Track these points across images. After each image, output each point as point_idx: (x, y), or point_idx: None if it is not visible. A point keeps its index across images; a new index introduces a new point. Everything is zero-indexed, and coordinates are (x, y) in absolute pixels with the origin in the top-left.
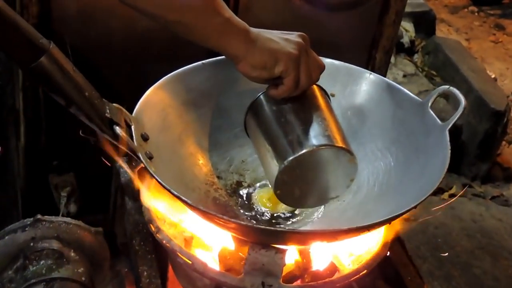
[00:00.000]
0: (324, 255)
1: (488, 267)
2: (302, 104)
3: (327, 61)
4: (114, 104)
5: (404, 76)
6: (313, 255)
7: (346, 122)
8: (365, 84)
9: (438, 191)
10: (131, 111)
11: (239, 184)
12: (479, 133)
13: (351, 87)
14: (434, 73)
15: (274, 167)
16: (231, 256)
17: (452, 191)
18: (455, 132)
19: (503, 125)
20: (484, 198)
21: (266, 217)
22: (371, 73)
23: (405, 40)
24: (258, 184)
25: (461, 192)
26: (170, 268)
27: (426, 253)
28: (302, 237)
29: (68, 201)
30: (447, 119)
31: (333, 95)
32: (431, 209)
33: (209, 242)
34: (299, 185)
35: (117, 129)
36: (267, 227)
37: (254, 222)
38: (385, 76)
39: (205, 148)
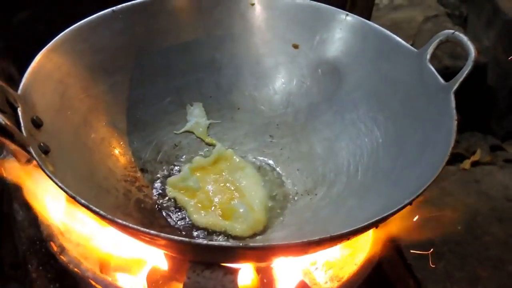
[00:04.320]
0: (292, 271)
1: None
2: None
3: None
4: None
5: None
6: (277, 272)
7: (316, 83)
8: (340, 29)
9: (456, 158)
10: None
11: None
12: None
13: (322, 35)
14: None
15: None
16: (164, 279)
17: (476, 157)
18: (477, 74)
19: None
20: None
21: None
22: (348, 14)
23: None
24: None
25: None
26: None
27: (442, 247)
28: (258, 253)
29: None
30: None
31: (296, 47)
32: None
33: (133, 261)
34: None
35: None
36: (210, 243)
37: (193, 232)
38: (371, 11)
39: (122, 131)
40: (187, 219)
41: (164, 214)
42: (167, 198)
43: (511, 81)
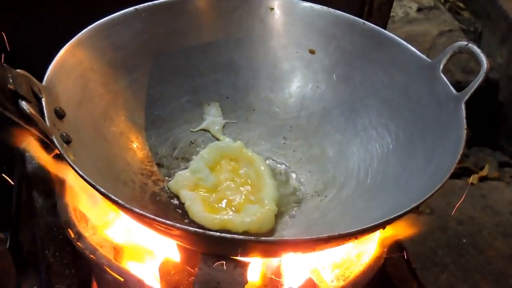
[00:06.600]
0: (299, 268)
1: None
2: None
3: (305, 5)
4: (18, 71)
5: (419, 10)
6: (285, 268)
7: (331, 88)
8: (357, 37)
9: (464, 172)
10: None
11: None
12: None
13: (338, 42)
14: (461, 5)
15: None
16: (176, 270)
17: (484, 172)
18: (489, 90)
19: None
20: None
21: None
22: (364, 22)
23: None
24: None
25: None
26: (94, 285)
27: (446, 258)
28: (269, 247)
29: None
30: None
31: (313, 52)
32: (453, 197)
33: (147, 251)
34: None
35: (23, 104)
36: (223, 235)
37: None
38: (386, 22)
39: (140, 126)
40: None
41: (178, 207)
42: None
43: None
